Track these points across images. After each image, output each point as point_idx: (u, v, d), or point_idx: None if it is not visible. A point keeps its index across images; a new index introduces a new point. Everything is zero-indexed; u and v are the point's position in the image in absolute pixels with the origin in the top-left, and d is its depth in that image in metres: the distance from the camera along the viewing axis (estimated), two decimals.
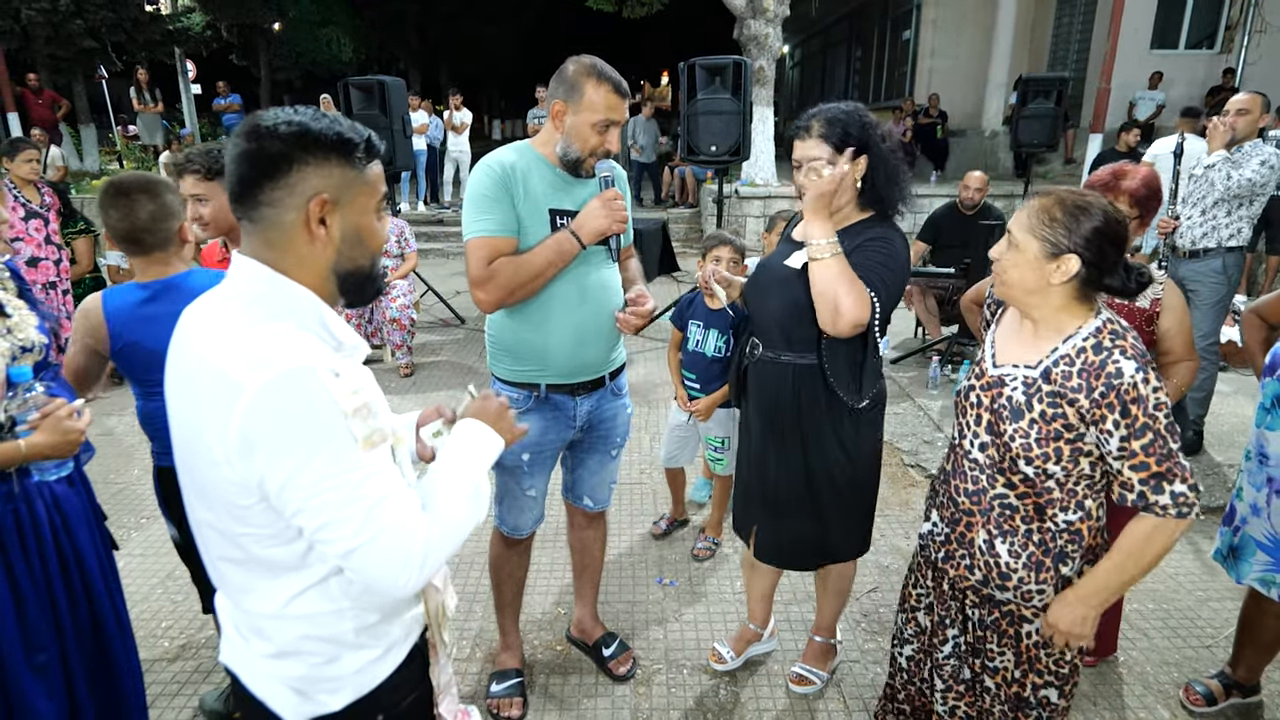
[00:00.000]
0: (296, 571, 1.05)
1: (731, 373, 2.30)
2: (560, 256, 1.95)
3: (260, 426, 0.93)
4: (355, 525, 0.97)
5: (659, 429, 4.47)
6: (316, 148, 1.01)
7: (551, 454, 2.22)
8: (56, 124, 11.68)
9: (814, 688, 2.41)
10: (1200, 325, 4.01)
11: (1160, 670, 2.52)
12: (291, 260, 1.04)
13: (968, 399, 1.66)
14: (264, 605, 1.07)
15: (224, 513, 1.02)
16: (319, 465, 0.95)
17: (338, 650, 1.11)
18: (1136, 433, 1.40)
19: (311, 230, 1.03)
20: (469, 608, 2.83)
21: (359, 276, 1.11)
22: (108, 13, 12.79)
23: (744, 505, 2.28)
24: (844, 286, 1.78)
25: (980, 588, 1.68)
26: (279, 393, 0.94)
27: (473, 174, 2.00)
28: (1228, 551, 2.22)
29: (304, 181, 1.01)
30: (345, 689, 1.12)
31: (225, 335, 0.99)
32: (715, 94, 5.87)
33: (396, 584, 1.02)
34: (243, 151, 1.01)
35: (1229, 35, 11.37)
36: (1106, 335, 1.47)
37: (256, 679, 1.12)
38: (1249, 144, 3.80)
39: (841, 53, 19.77)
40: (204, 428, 0.98)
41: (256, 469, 0.95)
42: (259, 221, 1.03)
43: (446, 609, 1.24)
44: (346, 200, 1.05)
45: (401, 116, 6.73)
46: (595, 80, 1.91)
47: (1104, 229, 1.44)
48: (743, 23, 9.18)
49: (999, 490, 1.59)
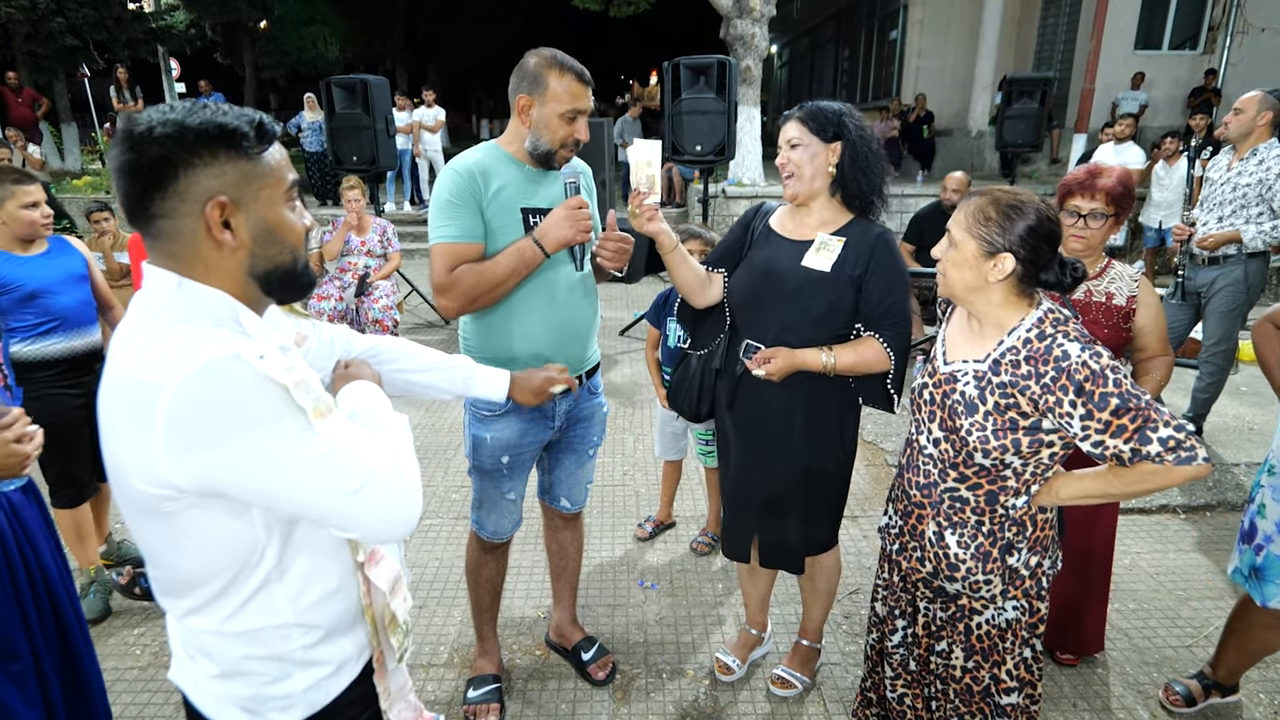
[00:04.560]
0: (235, 582, 1.01)
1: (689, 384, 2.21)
2: (523, 265, 1.91)
3: (194, 421, 0.87)
4: (344, 485, 0.94)
5: (642, 430, 4.44)
6: (200, 145, 0.92)
7: (530, 456, 2.19)
8: (36, 123, 11.55)
9: (794, 691, 2.39)
10: (1211, 332, 3.97)
11: (1140, 670, 2.52)
12: (200, 270, 0.96)
13: (921, 396, 1.70)
14: (206, 623, 1.04)
15: (156, 527, 0.97)
16: (278, 440, 0.90)
17: (286, 669, 1.07)
18: (1099, 404, 1.41)
19: (216, 237, 0.95)
20: (447, 613, 2.80)
21: (281, 274, 1.02)
22: (89, 10, 12.65)
23: (739, 519, 2.20)
24: (864, 366, 1.94)
25: (931, 579, 1.73)
26: (206, 383, 0.87)
27: (439, 179, 1.97)
28: (1249, 571, 2.12)
29: (195, 185, 0.92)
30: (296, 706, 1.10)
31: (137, 343, 0.93)
32: (700, 94, 5.86)
33: (399, 524, 0.99)
34: (122, 164, 0.92)
35: (1212, 36, 11.46)
36: (1049, 324, 1.52)
37: (205, 698, 1.09)
38: (1262, 145, 3.68)
39: (829, 53, 19.81)
40: (125, 439, 0.91)
41: (199, 466, 0.89)
42: (158, 236, 0.95)
43: (395, 614, 1.19)
44: (248, 197, 0.96)
45: (385, 116, 6.69)
46: (558, 70, 1.89)
47: (1037, 227, 1.49)
48: (729, 22, 9.17)
49: (949, 484, 1.64)
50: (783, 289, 1.98)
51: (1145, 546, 3.26)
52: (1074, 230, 2.17)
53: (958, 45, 13.24)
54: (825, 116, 1.93)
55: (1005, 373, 1.52)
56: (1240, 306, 3.87)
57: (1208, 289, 3.89)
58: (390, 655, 1.22)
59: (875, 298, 1.93)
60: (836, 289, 1.94)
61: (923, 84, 13.37)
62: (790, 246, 2.01)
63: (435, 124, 10.64)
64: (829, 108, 1.95)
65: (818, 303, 1.95)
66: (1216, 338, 3.93)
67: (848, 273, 1.93)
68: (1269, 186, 3.62)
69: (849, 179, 1.95)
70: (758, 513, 2.14)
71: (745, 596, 2.51)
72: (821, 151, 1.93)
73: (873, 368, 1.95)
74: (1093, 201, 2.14)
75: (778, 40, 22.62)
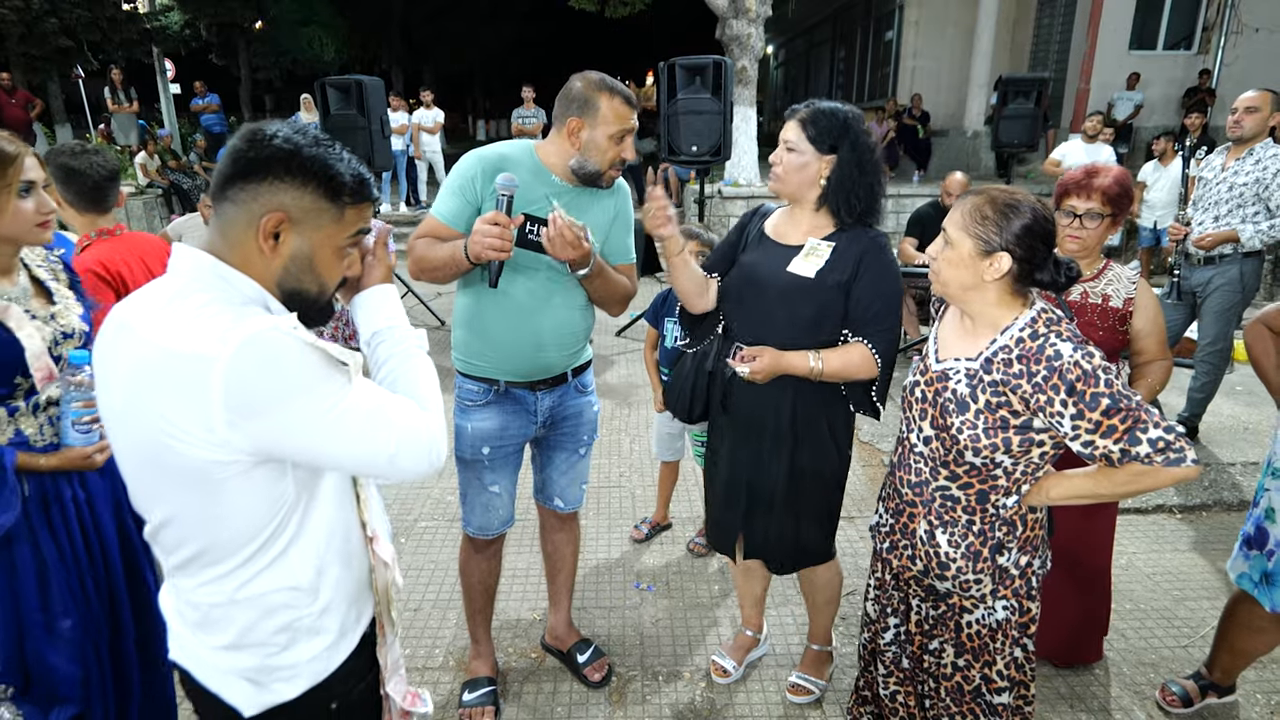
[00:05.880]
0: (263, 549, 1.07)
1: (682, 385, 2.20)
2: (454, 263, 1.92)
3: (250, 389, 0.96)
4: (386, 433, 1.05)
5: (639, 431, 4.44)
6: (299, 171, 1.04)
7: (514, 449, 2.19)
8: (30, 124, 11.48)
9: (812, 696, 2.37)
10: (1206, 332, 3.96)
11: (1137, 670, 2.51)
12: (238, 257, 1.06)
13: (913, 394, 1.70)
14: (218, 594, 1.09)
15: (196, 495, 1.02)
16: (325, 397, 1.00)
17: (291, 637, 1.12)
18: (1090, 404, 1.41)
19: (261, 241, 1.05)
20: (442, 615, 2.78)
21: (303, 299, 1.11)
22: (83, 11, 12.62)
23: (724, 516, 2.20)
24: (852, 371, 1.92)
25: (922, 577, 1.74)
26: (255, 352, 0.96)
27: (462, 158, 2.03)
28: (1260, 578, 2.08)
29: (272, 195, 1.04)
30: (300, 677, 1.14)
31: (170, 318, 1.00)
32: (696, 94, 5.85)
33: (432, 465, 1.10)
34: (234, 147, 1.06)
35: (1206, 36, 11.49)
36: (1042, 323, 1.52)
37: (208, 672, 1.13)
38: (1259, 145, 3.68)
39: (825, 53, 19.84)
40: (172, 412, 0.97)
41: (258, 430, 0.97)
42: (221, 214, 1.06)
43: (397, 586, 1.28)
44: (309, 226, 1.07)
45: (380, 117, 6.67)
46: (608, 94, 1.93)
47: (1033, 226, 1.49)
48: (725, 23, 9.16)
49: (941, 482, 1.64)
50: (770, 294, 1.97)
51: (1142, 547, 3.26)
52: (1070, 230, 2.17)
53: (953, 45, 13.26)
54: (827, 125, 1.88)
55: (997, 371, 1.52)
56: (1236, 306, 3.87)
57: (1203, 288, 3.89)
58: (390, 628, 1.29)
59: (863, 303, 1.91)
60: (823, 294, 1.92)
61: (918, 84, 13.38)
62: (780, 251, 2.00)
63: (434, 126, 10.61)
64: (835, 116, 1.89)
65: (805, 308, 1.93)
66: (1212, 337, 3.93)
67: (835, 279, 1.91)
68: (1266, 186, 3.62)
69: (837, 196, 1.92)
70: (744, 509, 2.13)
71: (740, 597, 2.51)
72: (814, 162, 1.90)
73: (861, 374, 1.93)
74: (1089, 201, 2.14)
75: (774, 41, 22.64)
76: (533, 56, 28.87)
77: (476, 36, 25.95)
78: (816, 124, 1.89)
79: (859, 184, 1.91)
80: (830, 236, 1.96)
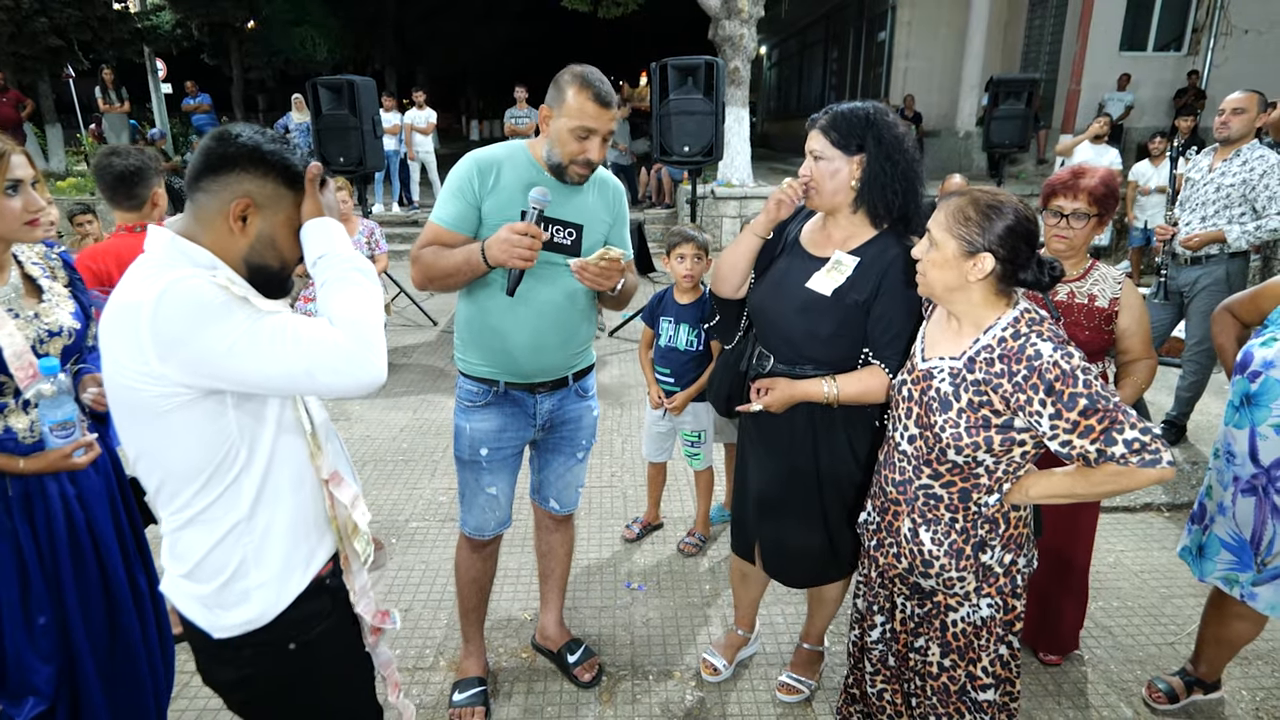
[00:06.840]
0: (213, 478, 1.19)
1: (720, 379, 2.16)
2: (469, 268, 1.92)
3: (170, 322, 1.08)
4: (294, 348, 1.12)
5: (631, 431, 4.44)
6: (261, 164, 1.20)
7: (513, 452, 2.19)
8: (20, 124, 11.42)
9: (801, 696, 2.38)
10: (1193, 331, 3.97)
11: (1124, 667, 2.53)
12: (209, 237, 1.21)
13: (899, 392, 1.71)
14: (176, 522, 1.22)
15: (150, 430, 1.16)
16: (237, 324, 1.10)
17: (239, 568, 1.23)
18: (1067, 404, 1.43)
19: (231, 223, 1.20)
20: (433, 615, 2.78)
21: (266, 273, 1.26)
22: (73, 10, 12.52)
23: (746, 520, 2.19)
24: (870, 395, 1.85)
25: (906, 575, 1.75)
26: (174, 292, 1.09)
27: (459, 162, 2.03)
28: (1196, 549, 2.22)
29: (238, 184, 1.20)
30: (249, 603, 1.24)
31: (129, 282, 1.15)
32: (688, 94, 5.87)
33: (356, 380, 1.15)
34: (206, 146, 1.21)
35: (1196, 38, 11.57)
36: (1024, 323, 1.53)
37: (180, 599, 1.26)
38: (1245, 146, 3.70)
39: (818, 54, 19.87)
40: (121, 355, 1.11)
41: (182, 358, 1.09)
42: (195, 203, 1.21)
43: (357, 523, 1.38)
44: (272, 210, 1.23)
45: (372, 117, 6.67)
46: (578, 86, 1.90)
47: (1016, 227, 1.50)
48: (718, 23, 9.18)
49: (924, 481, 1.65)
50: (791, 306, 1.93)
51: (1129, 544, 3.28)
52: (1056, 230, 2.18)
53: (945, 46, 13.32)
54: (850, 126, 1.80)
55: (979, 370, 1.53)
56: None
57: (1190, 288, 3.91)
58: (355, 559, 1.42)
59: (882, 324, 1.84)
60: (841, 312, 1.86)
61: (910, 85, 13.43)
62: (807, 262, 1.94)
63: (427, 126, 10.58)
64: (856, 114, 1.81)
65: (825, 324, 1.88)
66: (1199, 336, 3.95)
67: (854, 297, 1.85)
68: (1252, 187, 3.65)
69: (871, 195, 1.83)
70: (759, 518, 2.12)
71: (736, 599, 2.51)
72: (844, 166, 1.82)
73: (878, 397, 1.84)
74: (1075, 201, 2.15)
75: (766, 41, 22.66)
76: (526, 57, 28.83)
77: (470, 36, 25.91)
78: (838, 127, 1.82)
79: (892, 177, 1.81)
80: (862, 247, 1.88)
